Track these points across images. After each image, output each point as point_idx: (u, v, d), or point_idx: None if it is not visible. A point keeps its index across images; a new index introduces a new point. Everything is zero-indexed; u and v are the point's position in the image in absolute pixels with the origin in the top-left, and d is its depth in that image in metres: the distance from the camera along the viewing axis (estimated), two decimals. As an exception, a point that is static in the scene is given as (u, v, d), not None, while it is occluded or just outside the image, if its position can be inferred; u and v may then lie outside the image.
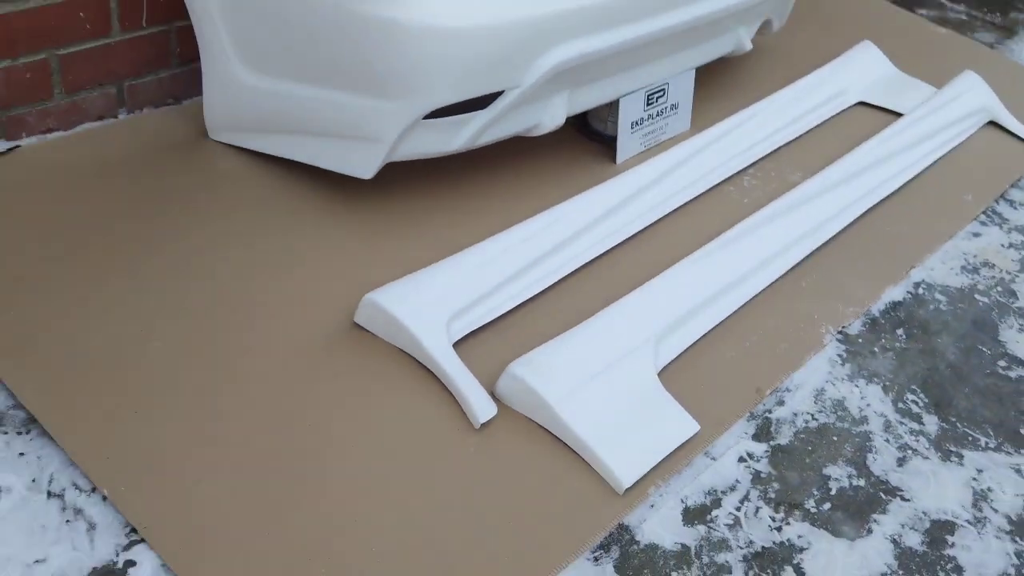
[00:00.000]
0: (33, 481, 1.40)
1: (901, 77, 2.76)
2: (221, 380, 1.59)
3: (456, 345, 1.70)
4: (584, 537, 1.47)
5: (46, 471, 1.41)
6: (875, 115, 2.60)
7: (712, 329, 1.85)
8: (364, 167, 1.92)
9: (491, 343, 1.74)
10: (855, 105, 2.64)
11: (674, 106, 2.34)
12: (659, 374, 1.72)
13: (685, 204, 2.16)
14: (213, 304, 1.73)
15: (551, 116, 2.04)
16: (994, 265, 2.20)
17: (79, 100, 2.03)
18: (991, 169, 2.49)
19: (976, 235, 2.29)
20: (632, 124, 2.25)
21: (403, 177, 2.08)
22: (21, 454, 1.43)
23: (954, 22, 3.26)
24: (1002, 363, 1.94)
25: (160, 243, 1.83)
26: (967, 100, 2.62)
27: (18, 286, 1.70)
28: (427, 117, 1.85)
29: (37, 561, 1.30)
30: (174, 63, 2.13)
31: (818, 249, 2.10)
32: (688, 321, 1.83)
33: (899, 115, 2.56)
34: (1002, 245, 2.27)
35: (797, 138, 2.46)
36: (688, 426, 1.64)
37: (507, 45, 1.82)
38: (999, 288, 2.13)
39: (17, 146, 1.98)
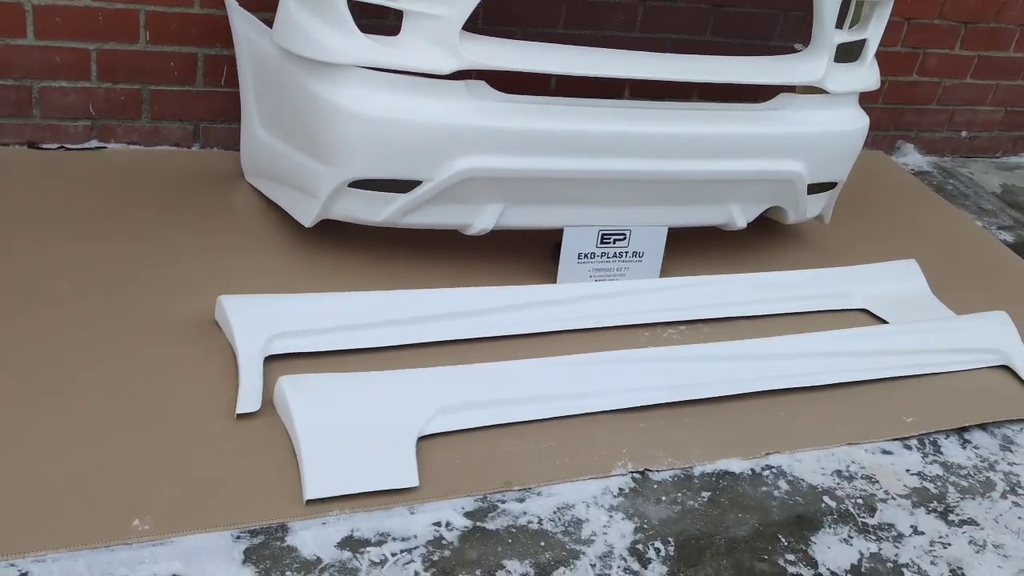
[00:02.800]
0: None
1: (928, 299, 2.65)
2: (90, 332, 2.04)
3: (284, 360, 2.02)
4: (241, 518, 1.69)
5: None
6: (872, 323, 2.54)
7: (512, 423, 1.99)
8: (305, 216, 2.34)
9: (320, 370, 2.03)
10: (858, 311, 2.59)
11: (638, 254, 2.50)
12: (431, 438, 1.90)
13: (576, 331, 2.30)
14: (139, 278, 2.21)
15: (480, 221, 2.33)
16: (877, 482, 2.07)
17: (161, 127, 2.67)
18: (963, 403, 2.31)
19: (886, 452, 2.15)
20: (580, 255, 2.44)
21: (357, 238, 2.46)
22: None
23: (1071, 279, 3.01)
24: (790, 556, 1.84)
25: (145, 232, 2.37)
26: (977, 336, 2.46)
27: (24, 230, 2.30)
28: (357, 187, 2.24)
29: None
30: (244, 119, 2.71)
31: (683, 403, 2.13)
32: (488, 407, 1.98)
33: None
34: (907, 471, 2.11)
35: (757, 317, 2.48)
36: (407, 478, 1.80)
37: (419, 141, 2.16)
38: (859, 501, 2.00)
39: (104, 147, 2.64)
